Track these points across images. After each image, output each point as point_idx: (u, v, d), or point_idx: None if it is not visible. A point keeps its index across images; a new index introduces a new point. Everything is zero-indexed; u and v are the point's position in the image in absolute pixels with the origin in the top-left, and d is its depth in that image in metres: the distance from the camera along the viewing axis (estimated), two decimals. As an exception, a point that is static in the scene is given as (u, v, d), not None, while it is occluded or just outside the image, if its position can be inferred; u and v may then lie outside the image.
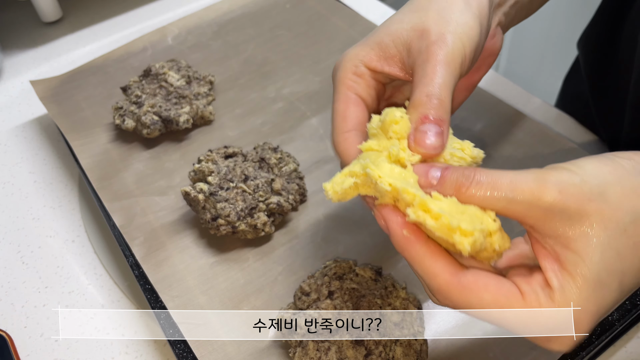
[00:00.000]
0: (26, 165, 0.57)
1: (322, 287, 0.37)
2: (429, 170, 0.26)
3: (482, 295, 0.24)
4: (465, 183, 0.24)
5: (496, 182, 0.24)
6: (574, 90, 0.65)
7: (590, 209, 0.23)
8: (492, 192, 0.24)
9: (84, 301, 0.45)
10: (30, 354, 0.42)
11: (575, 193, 0.23)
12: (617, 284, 0.24)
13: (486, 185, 0.24)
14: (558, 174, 0.24)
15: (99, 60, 0.62)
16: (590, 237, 0.23)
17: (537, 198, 0.23)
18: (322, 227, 0.45)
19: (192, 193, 0.43)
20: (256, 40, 0.64)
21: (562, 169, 0.25)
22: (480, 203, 0.24)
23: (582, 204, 0.23)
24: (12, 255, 0.49)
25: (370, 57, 0.31)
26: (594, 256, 0.23)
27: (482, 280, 0.25)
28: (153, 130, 0.51)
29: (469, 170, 0.25)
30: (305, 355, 0.34)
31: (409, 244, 0.26)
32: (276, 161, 0.46)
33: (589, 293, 0.23)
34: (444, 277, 0.25)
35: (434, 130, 0.27)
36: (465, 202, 0.25)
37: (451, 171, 0.25)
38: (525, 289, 0.24)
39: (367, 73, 0.31)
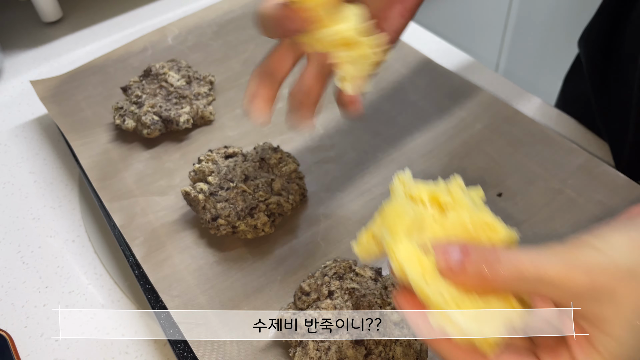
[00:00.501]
0: (26, 165, 0.57)
1: (322, 287, 0.37)
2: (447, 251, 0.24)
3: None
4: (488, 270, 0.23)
5: (520, 269, 0.23)
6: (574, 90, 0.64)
7: (620, 290, 0.23)
8: (517, 277, 0.23)
9: (84, 301, 0.45)
10: (30, 354, 0.42)
11: (604, 274, 0.23)
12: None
13: (509, 270, 0.23)
14: (585, 255, 0.23)
15: (99, 60, 0.62)
16: (621, 319, 0.23)
17: (564, 282, 0.23)
18: (322, 227, 0.45)
19: (192, 193, 0.43)
20: (256, 40, 0.64)
21: (589, 247, 0.24)
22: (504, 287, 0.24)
23: (611, 285, 0.23)
24: (12, 255, 0.49)
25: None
26: (623, 337, 0.23)
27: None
28: (153, 130, 0.51)
29: (491, 251, 0.24)
30: (305, 355, 0.34)
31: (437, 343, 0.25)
32: (276, 161, 0.46)
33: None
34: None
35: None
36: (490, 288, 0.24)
37: (470, 257, 0.24)
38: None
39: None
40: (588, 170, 0.47)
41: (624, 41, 0.53)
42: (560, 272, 0.23)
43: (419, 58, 0.59)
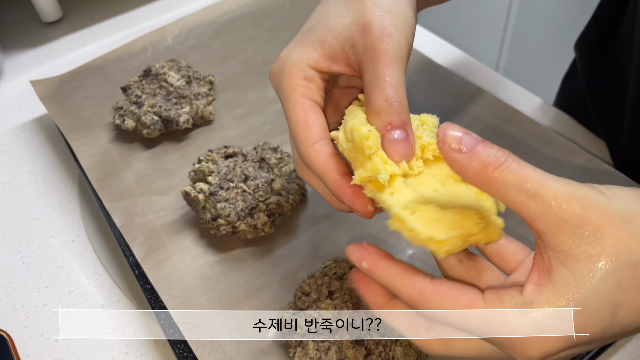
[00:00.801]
0: (26, 165, 0.57)
1: (322, 287, 0.37)
2: (461, 138, 0.24)
3: (442, 304, 0.25)
4: (494, 164, 0.23)
5: (524, 174, 0.23)
6: (572, 91, 0.65)
7: (608, 232, 0.22)
8: (517, 183, 0.23)
9: (84, 301, 0.45)
10: (30, 354, 0.42)
11: (598, 212, 0.23)
12: (608, 315, 0.23)
13: (514, 173, 0.23)
14: (587, 189, 0.23)
15: (99, 60, 0.62)
16: (595, 261, 0.22)
17: (557, 203, 0.23)
18: (322, 227, 0.45)
19: (192, 193, 0.43)
20: (256, 41, 0.64)
21: (594, 187, 0.24)
22: (499, 189, 0.23)
23: (601, 224, 0.22)
24: (12, 255, 0.49)
25: (315, 58, 0.30)
26: (591, 281, 0.22)
27: (442, 290, 0.25)
28: (153, 130, 0.51)
29: (502, 152, 0.24)
30: (305, 355, 0.34)
31: (371, 273, 0.27)
32: (276, 161, 0.46)
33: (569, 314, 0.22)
34: (407, 291, 0.26)
35: (401, 136, 0.27)
36: (487, 182, 0.24)
37: (485, 147, 0.24)
38: (490, 297, 0.24)
39: (315, 75, 0.30)
40: (588, 170, 0.47)
41: (617, 46, 0.53)
42: (558, 193, 0.23)
43: (419, 58, 0.59)
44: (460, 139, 0.24)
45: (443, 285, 0.25)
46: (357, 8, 0.29)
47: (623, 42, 0.52)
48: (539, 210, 0.23)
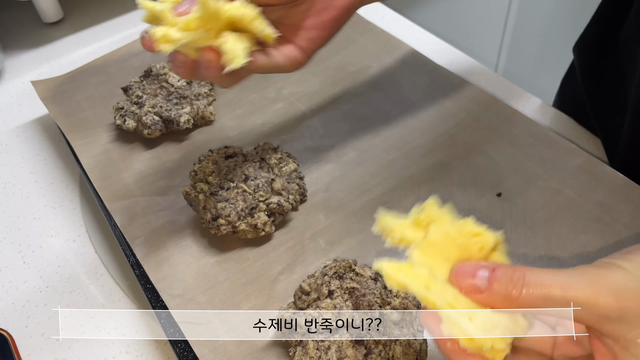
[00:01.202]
0: (27, 166, 0.57)
1: (322, 287, 0.37)
2: (476, 272, 0.24)
3: None
4: (515, 290, 0.23)
5: (547, 286, 0.23)
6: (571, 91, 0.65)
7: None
8: (544, 295, 0.23)
9: (84, 301, 0.45)
10: (31, 354, 0.42)
11: (633, 299, 0.23)
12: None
13: (536, 289, 0.23)
14: (614, 276, 0.23)
15: (99, 61, 0.62)
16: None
17: (592, 305, 0.23)
18: (322, 227, 0.45)
19: (193, 193, 0.43)
20: (256, 41, 0.64)
21: (617, 268, 0.24)
22: (530, 306, 0.24)
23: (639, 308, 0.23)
24: (13, 255, 0.49)
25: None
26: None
27: None
28: (154, 131, 0.51)
29: (518, 272, 0.24)
30: (305, 355, 0.34)
31: (455, 354, 0.25)
32: (276, 161, 0.46)
33: None
34: None
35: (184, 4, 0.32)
36: (517, 306, 0.24)
37: (500, 274, 0.24)
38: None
39: None
40: (587, 170, 0.47)
41: (617, 48, 0.53)
42: (588, 295, 0.23)
43: (418, 58, 0.59)
44: (473, 282, 0.24)
45: None
46: None
47: (625, 44, 0.52)
48: (578, 315, 0.23)
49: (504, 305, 0.24)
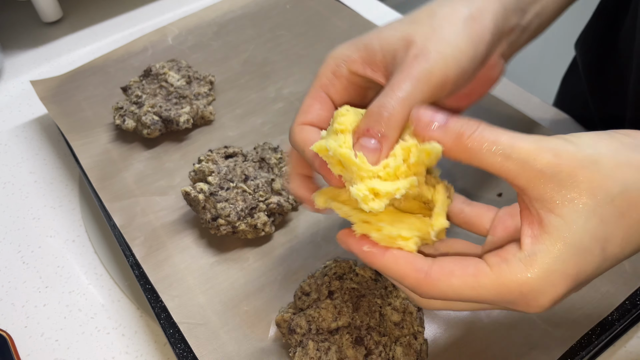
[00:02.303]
0: (26, 165, 0.57)
1: (322, 287, 0.37)
2: (433, 114, 0.26)
3: (451, 282, 0.25)
4: (467, 133, 0.25)
5: (496, 138, 0.24)
6: (572, 90, 0.65)
7: (581, 175, 0.24)
8: (491, 146, 0.24)
9: (84, 301, 0.45)
10: (30, 354, 0.42)
11: (569, 158, 0.24)
12: (600, 250, 0.24)
13: (486, 139, 0.24)
14: (556, 140, 0.25)
15: (99, 61, 0.62)
16: (577, 203, 0.24)
17: (532, 158, 0.24)
18: (322, 227, 0.45)
19: (193, 193, 0.43)
20: (256, 41, 0.64)
21: (560, 137, 0.25)
22: (475, 155, 0.25)
23: (574, 169, 0.24)
24: (12, 255, 0.49)
25: (354, 58, 0.30)
26: (578, 221, 0.23)
27: (447, 267, 0.25)
28: (153, 131, 0.51)
29: (473, 121, 0.25)
30: (305, 355, 0.34)
31: (373, 256, 0.27)
32: (276, 161, 0.46)
33: (569, 257, 0.23)
34: (412, 276, 0.26)
35: (371, 146, 0.26)
36: (464, 151, 0.25)
37: (456, 119, 0.25)
38: (493, 261, 0.25)
39: (346, 75, 0.30)
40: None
41: (618, 44, 0.53)
42: (530, 149, 0.24)
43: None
44: (432, 116, 0.25)
45: (446, 262, 0.25)
46: (414, 27, 0.29)
47: (624, 40, 0.52)
48: (517, 167, 0.24)
49: (453, 150, 0.25)
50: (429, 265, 0.25)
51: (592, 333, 0.37)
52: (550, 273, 0.23)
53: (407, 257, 0.26)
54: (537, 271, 0.23)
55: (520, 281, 0.24)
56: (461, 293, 0.25)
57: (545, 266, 0.23)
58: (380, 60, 0.29)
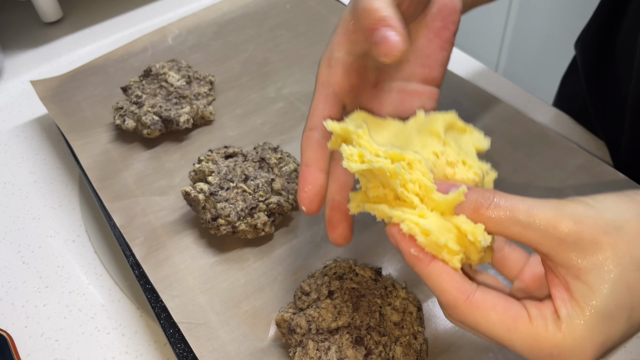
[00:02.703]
0: (26, 165, 0.57)
1: (322, 287, 0.37)
2: (449, 188, 0.26)
3: (490, 315, 0.25)
4: (484, 205, 0.25)
5: (514, 207, 0.24)
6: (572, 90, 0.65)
7: (605, 241, 0.24)
8: (509, 217, 0.24)
9: (84, 301, 0.45)
10: (30, 354, 0.42)
11: (591, 225, 0.24)
12: (626, 318, 0.24)
13: (504, 209, 0.25)
14: (575, 205, 0.25)
15: (99, 61, 0.62)
16: (602, 270, 0.23)
17: (552, 227, 0.24)
18: (322, 227, 0.45)
19: (193, 193, 0.43)
20: (256, 41, 0.64)
21: (580, 201, 0.25)
22: (495, 226, 0.25)
23: (596, 236, 0.24)
24: (12, 255, 0.49)
25: (339, 40, 0.31)
26: (604, 289, 0.23)
27: (491, 299, 0.25)
28: (153, 131, 0.51)
29: (488, 192, 0.25)
30: (305, 355, 0.34)
31: (418, 261, 0.26)
32: (276, 161, 0.46)
33: (596, 324, 0.23)
34: (453, 294, 0.25)
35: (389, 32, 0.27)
36: (481, 222, 0.25)
37: (471, 191, 0.26)
38: (534, 313, 0.25)
39: (340, 58, 0.31)
40: (587, 170, 0.47)
41: (618, 44, 0.53)
42: (550, 217, 0.24)
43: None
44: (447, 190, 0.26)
45: (490, 294, 0.25)
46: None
47: (624, 41, 0.52)
48: (538, 236, 0.24)
49: (472, 218, 0.25)
50: (473, 290, 0.25)
51: (592, 333, 0.37)
52: (579, 340, 0.24)
53: (452, 273, 0.26)
54: (567, 337, 0.24)
55: (554, 343, 0.24)
56: (494, 330, 0.25)
57: (575, 333, 0.24)
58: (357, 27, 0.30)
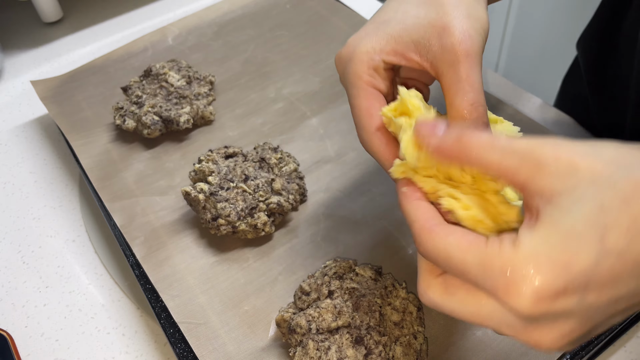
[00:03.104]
0: (27, 165, 0.57)
1: (322, 287, 0.37)
2: (435, 125, 0.27)
3: (447, 239, 0.25)
4: (467, 133, 0.25)
5: (495, 137, 0.25)
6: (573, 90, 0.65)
7: (582, 163, 0.23)
8: (490, 142, 0.24)
9: (84, 301, 0.45)
10: (30, 354, 0.42)
11: (568, 149, 0.23)
12: (597, 239, 0.21)
13: (486, 136, 0.25)
14: (556, 138, 0.24)
15: (99, 61, 0.62)
16: (575, 190, 0.22)
17: (530, 151, 0.24)
18: (322, 227, 0.45)
19: (193, 193, 0.43)
20: (256, 41, 0.64)
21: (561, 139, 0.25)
22: (477, 155, 0.25)
23: (573, 157, 0.23)
24: (12, 255, 0.49)
25: (386, 50, 0.31)
26: (572, 207, 0.22)
27: (452, 228, 0.25)
28: (153, 131, 0.51)
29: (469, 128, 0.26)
30: (305, 355, 0.34)
31: (404, 198, 0.28)
32: (276, 161, 0.46)
33: (557, 241, 0.22)
34: (420, 223, 0.26)
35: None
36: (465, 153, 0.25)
37: (454, 125, 0.26)
38: (492, 238, 0.24)
39: (382, 66, 0.32)
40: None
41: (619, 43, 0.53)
42: (530, 144, 0.24)
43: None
44: (432, 126, 0.27)
45: (455, 226, 0.26)
46: (436, 11, 0.30)
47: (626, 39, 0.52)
48: (516, 162, 0.24)
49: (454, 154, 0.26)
50: (437, 223, 0.26)
51: (591, 333, 0.37)
52: (534, 255, 0.22)
53: (428, 208, 0.27)
54: (520, 251, 0.22)
55: (504, 259, 0.22)
56: (450, 253, 0.24)
57: (529, 248, 0.22)
58: (413, 50, 0.31)
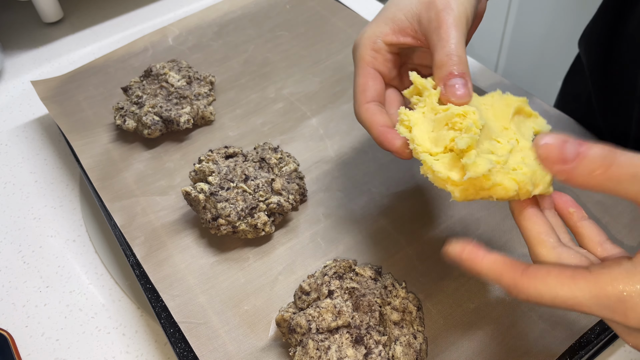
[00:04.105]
0: (27, 165, 0.57)
1: (322, 287, 0.37)
2: (563, 145, 0.23)
3: (547, 279, 0.24)
4: (605, 166, 0.23)
5: (636, 164, 0.23)
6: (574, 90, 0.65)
7: None
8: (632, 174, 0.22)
9: (84, 301, 0.45)
10: (31, 354, 0.42)
11: None
12: None
13: (625, 166, 0.23)
14: None
15: (99, 61, 0.62)
16: None
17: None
18: (322, 227, 0.45)
19: (193, 193, 0.43)
20: (256, 41, 0.64)
21: None
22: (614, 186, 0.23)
23: None
24: (13, 255, 0.49)
25: (386, 32, 0.36)
26: None
27: (544, 267, 0.25)
28: (154, 131, 0.51)
29: (607, 150, 0.23)
30: (305, 355, 0.34)
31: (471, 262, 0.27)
32: (276, 161, 0.46)
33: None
34: (509, 274, 0.26)
35: (460, 83, 0.32)
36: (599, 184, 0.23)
37: (588, 151, 0.23)
38: (595, 267, 0.24)
39: (383, 47, 0.36)
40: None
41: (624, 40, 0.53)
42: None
43: (418, 58, 0.59)
44: (560, 150, 0.23)
45: (544, 265, 0.25)
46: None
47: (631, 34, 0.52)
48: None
49: (586, 184, 0.23)
50: (526, 266, 0.25)
51: (591, 332, 0.37)
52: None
53: (504, 259, 0.26)
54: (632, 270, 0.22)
55: (620, 286, 0.22)
56: (557, 293, 0.24)
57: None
58: (407, 26, 0.35)
